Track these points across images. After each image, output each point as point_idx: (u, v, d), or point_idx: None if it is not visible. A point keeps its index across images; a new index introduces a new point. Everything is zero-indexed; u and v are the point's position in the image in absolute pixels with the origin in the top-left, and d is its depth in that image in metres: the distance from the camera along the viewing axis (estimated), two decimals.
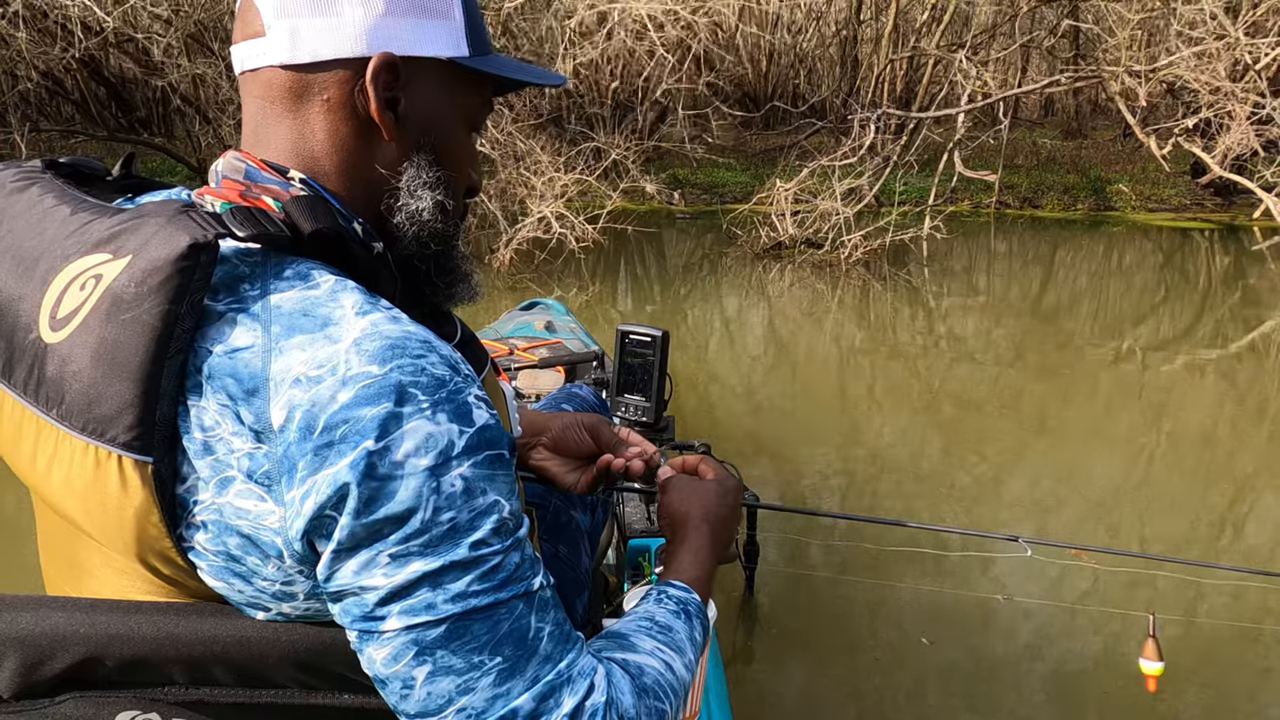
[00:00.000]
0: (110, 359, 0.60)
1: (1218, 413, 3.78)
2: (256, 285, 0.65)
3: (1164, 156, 6.15)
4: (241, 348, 0.62)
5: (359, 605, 0.62)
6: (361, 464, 0.59)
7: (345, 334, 0.62)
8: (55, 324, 0.64)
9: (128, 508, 0.62)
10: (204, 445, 0.62)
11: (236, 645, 0.65)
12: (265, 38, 0.70)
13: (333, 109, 0.72)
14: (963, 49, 7.00)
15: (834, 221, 6.03)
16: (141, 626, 0.65)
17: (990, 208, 8.06)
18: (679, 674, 0.75)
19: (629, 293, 5.62)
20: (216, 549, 0.64)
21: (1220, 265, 6.46)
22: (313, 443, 0.59)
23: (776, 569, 2.42)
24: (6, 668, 0.65)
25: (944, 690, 2.05)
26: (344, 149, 0.73)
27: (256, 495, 0.61)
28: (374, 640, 0.62)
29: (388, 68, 0.72)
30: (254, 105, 0.73)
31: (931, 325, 5.09)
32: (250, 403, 0.61)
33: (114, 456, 0.61)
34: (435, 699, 0.62)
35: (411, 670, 0.62)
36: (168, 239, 0.61)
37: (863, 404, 3.89)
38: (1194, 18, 6.30)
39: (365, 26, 0.71)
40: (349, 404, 0.59)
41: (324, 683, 0.67)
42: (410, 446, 0.60)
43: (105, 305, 0.61)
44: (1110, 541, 2.69)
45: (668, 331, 1.62)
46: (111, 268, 0.62)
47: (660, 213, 7.93)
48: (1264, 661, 2.18)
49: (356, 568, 0.61)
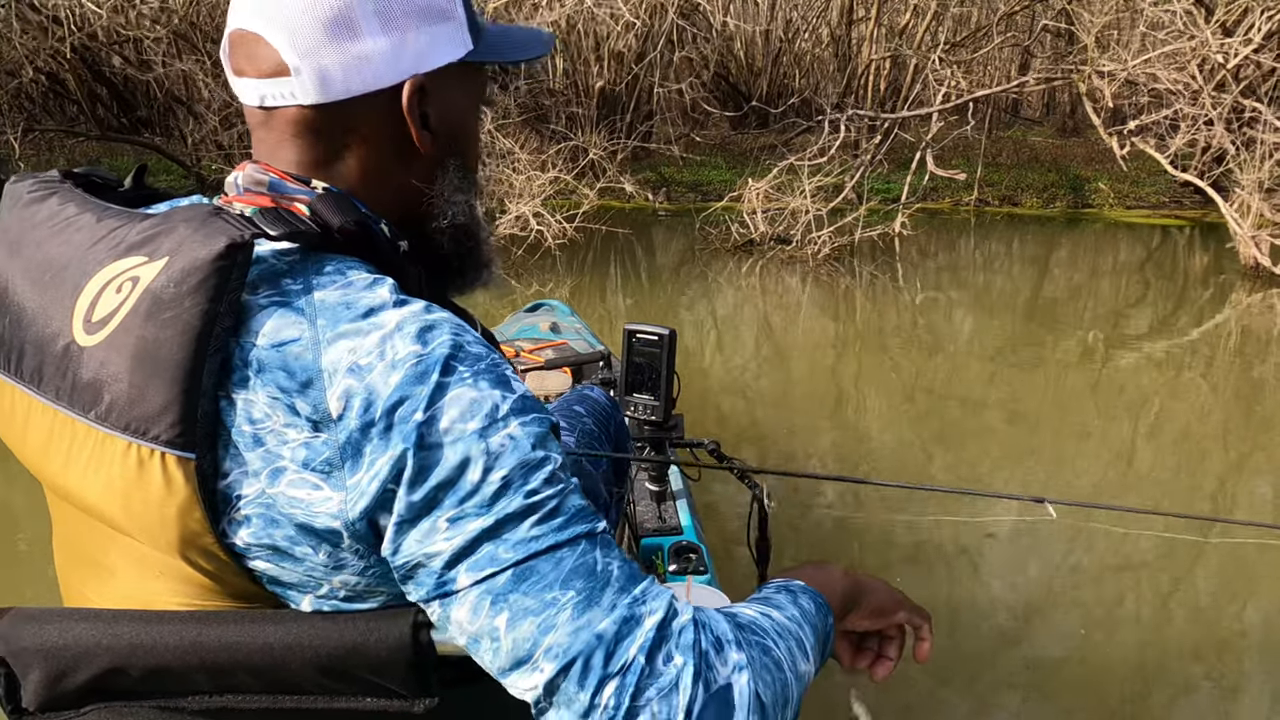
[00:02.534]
0: (151, 358, 0.61)
1: (1194, 402, 3.90)
2: (298, 280, 0.66)
3: (1123, 157, 6.24)
4: (289, 340, 0.63)
5: (429, 574, 0.63)
6: (413, 437, 0.61)
7: (388, 321, 0.64)
8: (90, 327, 0.65)
9: (170, 505, 0.63)
10: (254, 438, 0.63)
11: (260, 652, 0.65)
12: (290, 79, 0.70)
13: (366, 140, 0.74)
14: (936, 50, 7.11)
15: (804, 219, 6.16)
16: (165, 636, 0.65)
17: (970, 205, 8.16)
18: (780, 623, 0.70)
19: (600, 289, 5.76)
20: (261, 542, 0.65)
21: (1198, 260, 6.56)
22: (376, 428, 0.61)
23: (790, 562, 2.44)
24: (32, 680, 0.66)
25: (968, 684, 2.07)
26: (378, 171, 0.75)
27: (311, 484, 0.63)
28: (453, 603, 0.63)
29: (419, 90, 0.74)
30: (276, 136, 0.74)
31: (908, 318, 5.20)
32: (305, 394, 0.62)
33: (156, 454, 0.62)
34: (521, 645, 0.61)
35: (492, 621, 0.62)
36: (204, 240, 0.63)
37: (862, 396, 4.01)
38: (1160, 18, 6.40)
39: (391, 54, 0.72)
40: (401, 384, 0.62)
41: (347, 686, 0.67)
42: (455, 413, 0.62)
43: (145, 306, 0.62)
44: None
45: (675, 330, 1.62)
46: (149, 270, 0.63)
47: (645, 211, 8.07)
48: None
49: (419, 537, 0.62)
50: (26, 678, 0.66)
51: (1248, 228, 5.56)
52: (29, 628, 0.66)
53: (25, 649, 0.66)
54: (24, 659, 0.66)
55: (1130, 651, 2.19)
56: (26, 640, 0.66)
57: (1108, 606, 2.37)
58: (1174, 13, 6.19)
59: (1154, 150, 6.06)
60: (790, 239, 6.22)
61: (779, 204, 6.43)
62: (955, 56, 7.69)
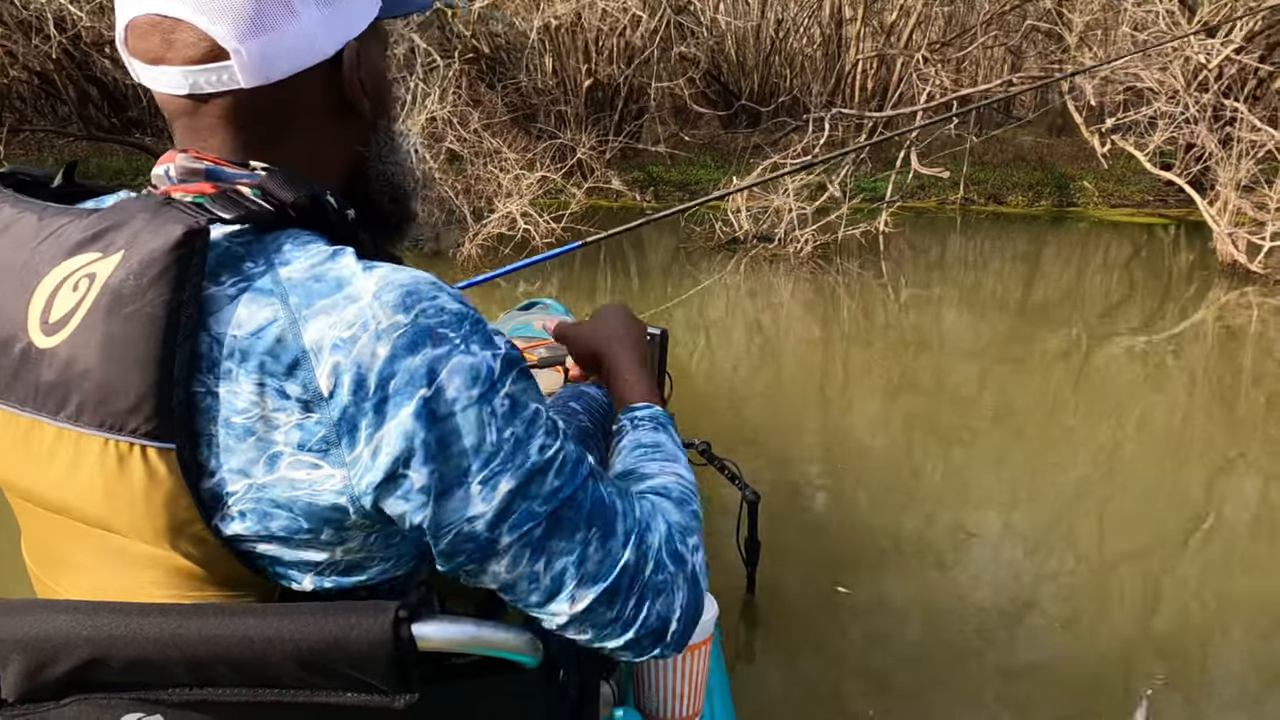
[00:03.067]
0: (120, 353, 0.61)
1: (1177, 399, 3.95)
2: (260, 261, 0.65)
3: (1104, 155, 6.29)
4: (265, 325, 0.63)
5: (470, 539, 0.66)
6: (424, 412, 0.62)
7: (362, 290, 0.64)
8: (48, 328, 0.63)
9: (156, 496, 0.63)
10: (244, 429, 0.63)
11: (239, 645, 0.64)
12: (227, 63, 0.68)
13: (306, 112, 0.73)
14: (919, 50, 7.16)
15: (787, 218, 6.21)
16: (145, 628, 0.65)
17: (955, 204, 8.21)
18: (686, 476, 0.84)
19: (589, 288, 5.81)
20: (257, 533, 0.66)
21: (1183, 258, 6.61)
22: (370, 401, 0.62)
23: (778, 566, 2.43)
24: (11, 671, 0.66)
25: (956, 681, 2.08)
26: (319, 142, 0.75)
27: (309, 464, 0.63)
28: (492, 559, 0.67)
29: (355, 55, 0.73)
30: (206, 123, 0.71)
31: (894, 316, 5.25)
32: (293, 376, 0.62)
33: (136, 448, 0.62)
34: (557, 581, 0.68)
35: (533, 567, 0.68)
36: (158, 230, 0.62)
37: (849, 394, 4.05)
38: (1143, 19, 6.45)
39: (327, 24, 0.71)
40: (390, 356, 0.62)
41: (327, 681, 0.67)
42: (459, 382, 0.63)
43: (105, 302, 0.61)
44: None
45: (667, 330, 1.60)
46: (104, 265, 0.62)
47: (632, 210, 8.11)
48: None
49: (456, 505, 0.64)
50: (6, 669, 0.66)
51: (1225, 225, 5.61)
52: (8, 619, 0.66)
53: (4, 640, 0.66)
54: (3, 650, 0.66)
55: (1108, 650, 2.21)
56: (5, 632, 0.66)
57: (1087, 603, 2.40)
58: (1156, 13, 6.25)
59: (1134, 148, 6.11)
60: (773, 237, 6.27)
61: (763, 203, 6.48)
62: (941, 56, 7.74)
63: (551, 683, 0.82)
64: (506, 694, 0.77)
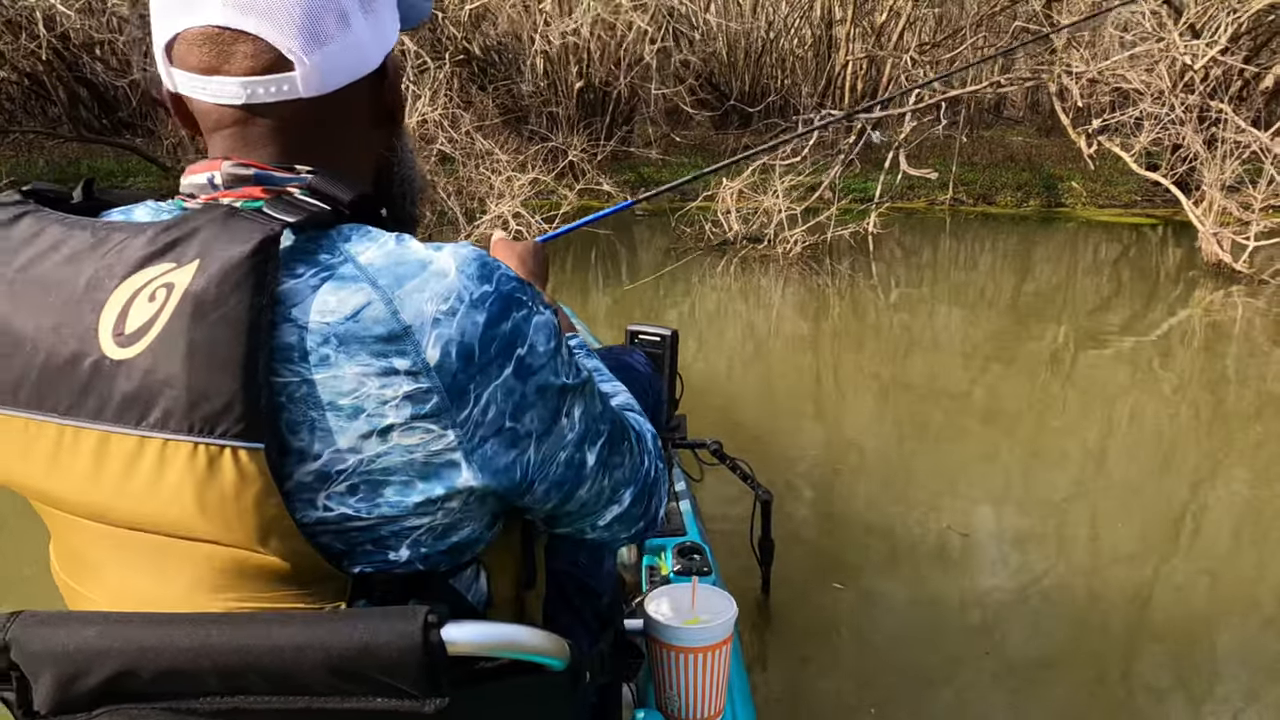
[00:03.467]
0: (207, 358, 0.62)
1: (1164, 397, 3.99)
2: (336, 253, 0.68)
3: (1091, 156, 6.34)
4: (360, 307, 0.65)
5: (569, 465, 0.76)
6: (522, 369, 0.69)
7: (447, 267, 0.68)
8: (124, 340, 0.64)
9: (247, 495, 0.64)
10: (353, 408, 0.65)
11: (270, 653, 0.65)
12: (291, 74, 0.70)
13: (351, 120, 0.77)
14: (907, 52, 7.20)
15: (776, 218, 6.24)
16: (175, 638, 0.65)
17: (945, 205, 8.26)
18: (625, 392, 0.99)
19: (581, 288, 5.83)
20: (368, 507, 0.69)
21: (1170, 258, 6.67)
22: (476, 365, 0.67)
23: (793, 566, 2.45)
24: (43, 684, 0.66)
25: (968, 677, 2.10)
26: (358, 147, 0.79)
27: (422, 429, 0.67)
28: (581, 485, 0.78)
29: (396, 65, 0.78)
30: (257, 132, 0.73)
31: (884, 316, 5.30)
32: (401, 352, 0.65)
33: (226, 450, 0.63)
34: (615, 489, 0.83)
35: (603, 482, 0.81)
36: (233, 238, 0.64)
37: (841, 394, 4.08)
38: (1130, 20, 6.51)
39: (373, 35, 0.75)
40: (488, 322, 0.67)
41: (357, 687, 0.67)
42: (542, 339, 0.71)
43: (188, 309, 0.62)
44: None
45: (677, 330, 1.64)
46: (181, 274, 0.63)
47: (626, 211, 8.14)
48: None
49: (555, 440, 0.74)
50: (38, 681, 0.67)
51: (1210, 226, 5.67)
52: (40, 631, 0.66)
53: (37, 653, 0.66)
54: (35, 662, 0.66)
55: (1102, 647, 2.23)
56: (38, 644, 0.66)
57: (1082, 601, 2.43)
58: (1142, 14, 6.31)
59: (1119, 149, 6.17)
60: (763, 238, 6.31)
61: (753, 203, 6.51)
62: (931, 58, 7.79)
63: (577, 685, 0.83)
64: (532, 696, 0.79)
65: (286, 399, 0.65)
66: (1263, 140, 5.73)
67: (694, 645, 1.14)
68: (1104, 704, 2.05)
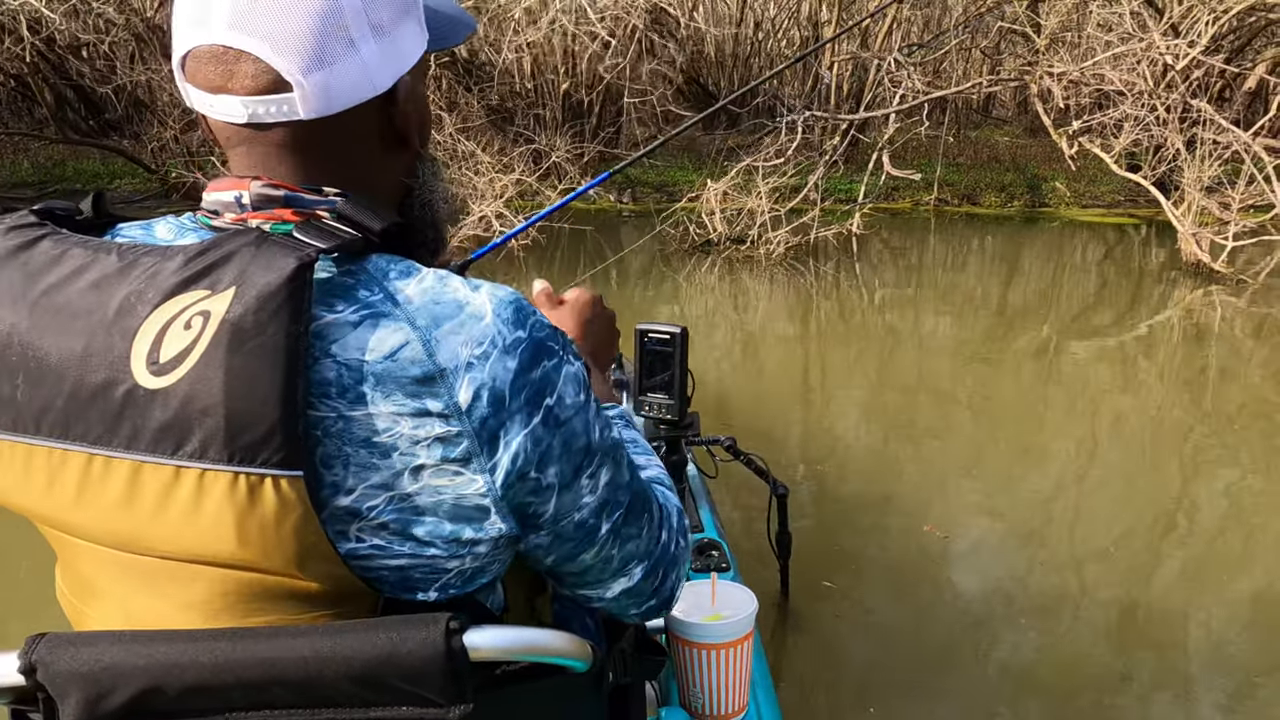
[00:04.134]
0: (246, 387, 0.61)
1: (1142, 396, 4.03)
2: (376, 290, 0.67)
3: (1072, 157, 6.37)
4: (398, 347, 0.65)
5: (579, 527, 0.74)
6: (550, 418, 0.69)
7: (483, 309, 0.67)
8: (158, 369, 0.63)
9: (287, 523, 0.63)
10: (388, 446, 0.65)
11: (294, 665, 0.65)
12: (290, 95, 0.69)
13: (360, 143, 0.75)
14: (892, 53, 7.23)
15: (760, 219, 6.26)
16: (199, 654, 0.65)
17: (930, 205, 8.29)
18: (659, 466, 0.95)
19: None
20: (394, 544, 0.68)
21: (1152, 258, 6.70)
22: (506, 411, 0.66)
23: (812, 560, 2.46)
24: (71, 703, 0.66)
25: (991, 672, 2.11)
26: (373, 172, 0.77)
27: (452, 472, 0.67)
28: (588, 548, 0.76)
29: (408, 88, 0.75)
30: (263, 151, 0.73)
31: (870, 317, 5.34)
32: (434, 394, 0.65)
33: (267, 479, 0.62)
34: (625, 560, 0.80)
35: (612, 550, 0.78)
36: (269, 265, 0.63)
37: (829, 395, 4.10)
38: (1109, 20, 6.54)
39: (383, 59, 0.73)
40: (519, 369, 0.67)
41: (382, 696, 0.67)
42: (571, 390, 0.71)
43: (226, 338, 0.62)
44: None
45: (686, 328, 1.62)
46: (217, 302, 0.63)
47: (611, 212, 8.16)
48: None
49: (573, 496, 0.72)
50: (65, 701, 0.66)
51: (1189, 226, 5.70)
52: (66, 652, 0.66)
53: (62, 673, 0.66)
54: (61, 683, 0.66)
55: (1086, 649, 2.25)
56: (63, 665, 0.66)
57: (1065, 603, 2.44)
58: (1122, 14, 6.33)
59: (1100, 150, 6.19)
60: (746, 238, 6.33)
61: (737, 204, 6.53)
62: (914, 58, 7.82)
63: (600, 686, 0.83)
64: (556, 698, 0.79)
65: (322, 433, 0.65)
66: (1244, 139, 5.75)
67: (716, 641, 1.15)
68: (1096, 700, 2.06)
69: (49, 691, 0.67)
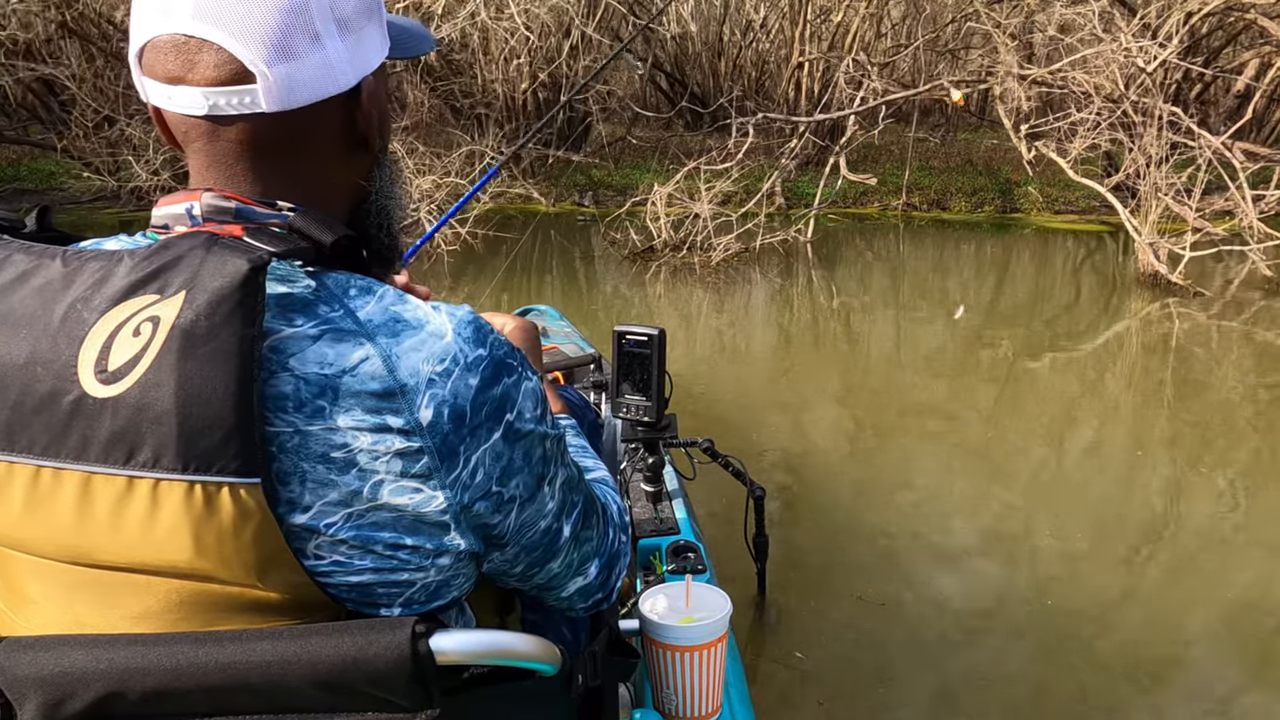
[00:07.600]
0: (201, 394, 0.59)
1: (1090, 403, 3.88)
2: (336, 306, 0.66)
3: (1029, 162, 6.13)
4: (358, 363, 0.64)
5: (545, 534, 0.77)
6: (510, 433, 0.70)
7: (443, 328, 0.68)
8: (107, 377, 0.61)
9: (246, 531, 0.62)
10: (345, 462, 0.64)
11: (257, 670, 0.64)
12: (253, 86, 0.67)
13: (319, 144, 0.73)
14: (850, 54, 7.00)
15: (704, 224, 6.04)
16: (161, 659, 0.64)
17: (898, 211, 8.04)
18: (604, 468, 1.00)
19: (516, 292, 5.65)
20: (353, 560, 0.67)
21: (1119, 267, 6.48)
22: (467, 428, 0.67)
23: (788, 562, 2.48)
24: (29, 708, 0.65)
25: (960, 680, 2.11)
26: (330, 175, 0.76)
27: (412, 488, 0.66)
28: (554, 556, 0.80)
29: (372, 89, 0.75)
30: (224, 150, 0.71)
31: (825, 324, 5.17)
32: (395, 410, 0.65)
33: (225, 487, 0.61)
34: (584, 560, 0.84)
35: (574, 553, 0.82)
36: (220, 268, 0.61)
37: (801, 401, 3.95)
38: (1073, 20, 6.29)
39: (348, 56, 0.72)
40: (480, 386, 0.68)
41: (348, 701, 0.67)
42: (530, 404, 0.72)
43: (177, 344, 0.60)
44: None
45: (664, 330, 1.64)
46: (167, 307, 0.61)
47: (569, 214, 7.95)
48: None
49: (536, 506, 0.75)
50: (23, 706, 0.66)
51: (1146, 235, 5.44)
52: (24, 656, 0.65)
53: (21, 678, 0.65)
54: (20, 687, 0.65)
55: (1057, 658, 2.21)
56: (22, 669, 0.65)
57: (1051, 608, 2.41)
58: (1086, 15, 6.09)
59: (1055, 154, 5.94)
60: (689, 243, 6.10)
61: (684, 209, 6.30)
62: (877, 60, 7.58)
63: (570, 688, 0.83)
64: (525, 702, 0.79)
65: (278, 448, 0.63)
66: (1215, 145, 5.48)
67: (689, 643, 1.15)
68: (1063, 709, 2.03)
69: (6, 696, 0.66)
